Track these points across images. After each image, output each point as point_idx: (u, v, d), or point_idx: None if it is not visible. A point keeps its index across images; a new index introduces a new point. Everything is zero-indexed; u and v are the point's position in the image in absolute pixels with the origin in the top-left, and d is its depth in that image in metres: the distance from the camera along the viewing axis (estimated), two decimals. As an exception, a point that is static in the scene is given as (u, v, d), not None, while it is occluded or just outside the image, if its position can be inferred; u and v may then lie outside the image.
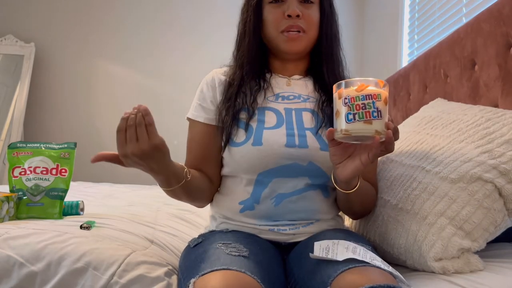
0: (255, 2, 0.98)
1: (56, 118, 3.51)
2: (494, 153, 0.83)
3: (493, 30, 1.25)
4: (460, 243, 0.79)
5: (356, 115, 0.71)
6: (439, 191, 0.83)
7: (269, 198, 0.92)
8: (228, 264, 0.71)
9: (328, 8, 1.00)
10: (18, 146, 1.17)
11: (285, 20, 0.95)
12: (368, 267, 0.69)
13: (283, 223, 0.92)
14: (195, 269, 0.73)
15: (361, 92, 0.72)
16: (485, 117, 0.92)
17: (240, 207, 0.94)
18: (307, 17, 0.96)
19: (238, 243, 0.81)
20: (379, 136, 0.72)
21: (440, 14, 2.13)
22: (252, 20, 0.98)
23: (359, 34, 3.52)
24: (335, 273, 0.69)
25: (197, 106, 1.01)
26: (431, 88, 1.70)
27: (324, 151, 0.91)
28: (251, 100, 0.96)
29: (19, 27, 3.52)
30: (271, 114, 0.95)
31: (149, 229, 1.14)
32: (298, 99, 0.99)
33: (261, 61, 1.02)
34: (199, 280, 0.68)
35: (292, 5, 0.94)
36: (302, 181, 0.92)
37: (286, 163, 0.91)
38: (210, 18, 3.52)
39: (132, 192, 2.12)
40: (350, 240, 0.80)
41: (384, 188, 0.98)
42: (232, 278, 0.67)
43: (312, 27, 0.97)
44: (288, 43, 0.95)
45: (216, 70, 1.05)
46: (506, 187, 0.81)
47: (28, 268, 0.83)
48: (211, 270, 0.69)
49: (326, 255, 0.73)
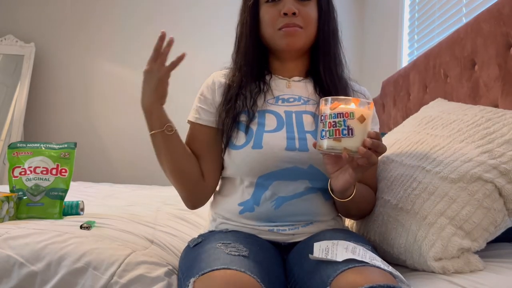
0: (251, 3, 0.98)
1: (56, 118, 3.52)
2: (494, 153, 0.83)
3: (493, 30, 1.25)
4: (460, 243, 0.79)
5: (327, 132, 0.77)
6: (439, 191, 0.83)
7: (269, 200, 0.92)
8: (228, 263, 0.71)
9: (325, 5, 0.99)
10: (18, 146, 1.17)
11: (282, 19, 0.94)
12: (368, 267, 0.69)
13: (283, 224, 0.93)
14: (195, 268, 0.73)
15: (334, 111, 0.77)
16: (485, 117, 0.92)
17: (240, 208, 0.94)
18: (304, 14, 0.95)
19: (238, 243, 0.81)
20: (350, 154, 0.75)
21: (440, 14, 2.13)
22: (249, 21, 0.99)
23: (359, 33, 3.52)
24: (335, 273, 0.69)
25: (198, 108, 1.00)
26: (431, 88, 1.70)
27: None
28: (251, 103, 0.96)
29: (19, 27, 3.52)
30: (271, 117, 0.95)
31: (149, 229, 1.14)
32: (298, 101, 0.98)
33: (260, 62, 1.01)
34: (199, 279, 0.68)
35: (288, 3, 0.94)
36: (302, 184, 0.92)
37: (286, 166, 0.91)
38: (211, 18, 3.52)
39: (132, 192, 2.12)
40: (349, 240, 0.80)
41: (384, 188, 0.98)
42: (231, 278, 0.67)
43: (310, 24, 0.96)
44: (285, 39, 0.95)
45: (216, 73, 1.05)
46: (506, 187, 0.81)
47: (28, 268, 0.83)
48: (211, 270, 0.69)
49: (326, 256, 0.73)
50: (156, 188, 2.45)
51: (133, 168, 3.48)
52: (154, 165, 3.49)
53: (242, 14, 1.01)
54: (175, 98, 3.61)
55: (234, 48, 1.04)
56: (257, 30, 0.99)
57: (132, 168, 3.49)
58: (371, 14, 3.35)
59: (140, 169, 3.47)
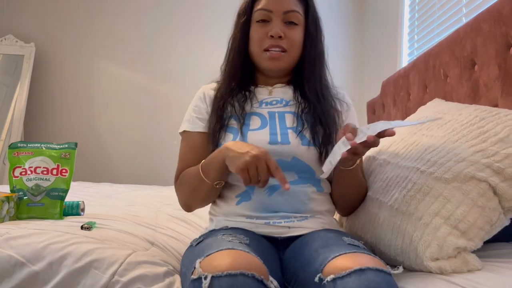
0: (243, 21, 1.05)
1: (56, 118, 3.52)
2: (487, 152, 0.83)
3: (493, 30, 1.25)
4: (455, 242, 0.79)
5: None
6: (434, 191, 0.84)
7: (262, 189, 0.95)
8: (232, 246, 0.73)
9: (313, 30, 1.05)
10: (18, 146, 1.17)
11: (268, 40, 1.01)
12: (359, 253, 0.72)
13: (278, 216, 0.95)
14: (199, 255, 0.74)
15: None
16: (479, 116, 0.92)
17: (237, 199, 0.98)
18: (290, 37, 1.01)
19: (238, 234, 0.85)
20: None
21: (440, 14, 2.14)
22: (239, 38, 1.06)
23: (359, 34, 3.52)
24: (327, 260, 0.72)
25: (194, 119, 1.07)
26: (431, 88, 1.70)
27: (305, 146, 0.97)
28: (240, 111, 1.03)
29: (19, 27, 3.52)
30: (255, 118, 1.03)
31: (150, 231, 1.15)
32: (280, 103, 1.06)
33: (246, 75, 1.08)
34: (205, 259, 0.70)
35: (276, 26, 1.01)
36: (290, 176, 0.97)
37: None
38: (211, 18, 3.52)
39: (132, 192, 2.12)
40: (343, 236, 0.85)
41: (380, 190, 0.98)
42: (238, 255, 0.69)
43: (294, 47, 1.03)
44: (269, 61, 1.02)
45: (206, 86, 1.13)
46: (500, 186, 0.81)
47: (29, 268, 0.83)
48: (217, 251, 0.71)
49: (331, 162, 0.84)
50: (156, 188, 2.45)
51: (133, 168, 3.49)
52: (154, 165, 3.49)
53: (235, 29, 1.09)
54: (174, 97, 3.62)
55: (224, 60, 1.10)
56: (246, 46, 1.06)
57: (132, 168, 3.49)
58: (371, 14, 3.35)
59: (140, 169, 3.48)
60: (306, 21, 1.05)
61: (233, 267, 0.65)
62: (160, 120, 3.51)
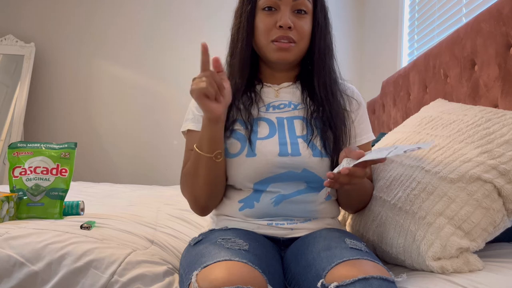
0: (249, 9, 0.97)
1: (56, 118, 3.52)
2: (493, 153, 0.83)
3: (493, 30, 1.25)
4: (458, 242, 0.79)
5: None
6: (438, 191, 0.84)
7: (269, 197, 0.93)
8: (229, 256, 0.72)
9: (322, 20, 0.99)
10: (18, 146, 1.17)
11: (276, 30, 0.94)
12: (362, 260, 0.71)
13: (281, 218, 0.94)
14: (197, 263, 0.74)
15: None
16: (485, 118, 0.92)
17: (240, 205, 0.95)
18: (299, 28, 0.95)
19: (238, 238, 0.83)
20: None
21: (440, 14, 2.14)
22: (245, 27, 0.98)
23: (359, 34, 3.52)
24: (330, 266, 0.70)
25: (197, 117, 1.00)
26: (431, 88, 1.70)
27: (316, 157, 0.93)
28: (247, 116, 0.96)
29: (19, 27, 3.52)
30: (264, 125, 0.97)
31: (150, 230, 1.15)
32: (288, 107, 1.00)
33: (252, 69, 1.01)
34: (201, 272, 0.69)
35: (285, 16, 0.93)
36: (300, 185, 0.94)
37: (280, 171, 0.92)
38: (212, 17, 3.52)
39: (132, 192, 2.12)
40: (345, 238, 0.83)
41: (384, 188, 0.98)
42: (234, 268, 0.68)
43: (303, 39, 0.96)
44: (277, 53, 0.95)
45: None
46: (505, 187, 0.81)
47: (28, 268, 0.83)
48: (213, 262, 0.70)
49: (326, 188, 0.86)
50: (156, 188, 2.45)
51: (133, 168, 3.49)
52: (154, 165, 3.50)
53: (238, 17, 1.00)
54: (174, 97, 3.62)
55: (228, 51, 1.03)
56: (252, 36, 0.98)
57: (132, 168, 3.49)
58: (371, 14, 3.35)
59: (140, 169, 3.48)
60: (315, 10, 0.98)
61: (229, 281, 0.64)
62: (160, 120, 3.51)
